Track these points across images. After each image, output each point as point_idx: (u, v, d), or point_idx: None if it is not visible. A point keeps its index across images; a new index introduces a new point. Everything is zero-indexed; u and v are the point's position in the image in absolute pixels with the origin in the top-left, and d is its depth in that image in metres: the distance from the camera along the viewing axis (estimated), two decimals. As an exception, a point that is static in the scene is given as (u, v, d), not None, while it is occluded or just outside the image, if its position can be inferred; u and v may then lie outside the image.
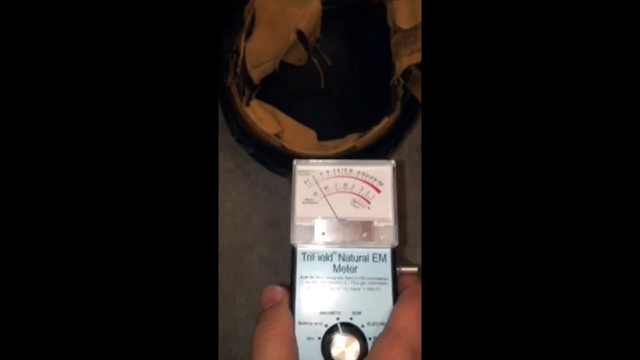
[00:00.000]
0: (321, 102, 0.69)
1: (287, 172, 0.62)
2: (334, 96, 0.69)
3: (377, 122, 0.64)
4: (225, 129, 0.67)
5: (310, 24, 0.67)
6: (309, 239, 0.44)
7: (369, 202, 0.46)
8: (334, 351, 0.41)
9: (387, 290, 0.43)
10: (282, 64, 0.69)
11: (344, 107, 0.69)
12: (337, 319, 0.42)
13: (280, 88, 0.68)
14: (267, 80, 0.67)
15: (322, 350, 0.41)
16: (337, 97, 0.69)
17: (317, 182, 0.47)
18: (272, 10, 0.67)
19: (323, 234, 0.44)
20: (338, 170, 0.47)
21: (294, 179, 0.46)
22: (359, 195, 0.46)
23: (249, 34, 0.66)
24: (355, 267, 0.44)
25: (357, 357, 0.40)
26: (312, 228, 0.44)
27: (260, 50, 0.67)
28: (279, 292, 0.43)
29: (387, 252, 0.44)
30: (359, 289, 0.43)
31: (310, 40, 0.68)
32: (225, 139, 0.68)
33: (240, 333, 0.65)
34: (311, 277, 0.43)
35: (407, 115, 0.65)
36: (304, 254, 0.44)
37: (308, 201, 0.46)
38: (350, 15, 0.69)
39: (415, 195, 0.69)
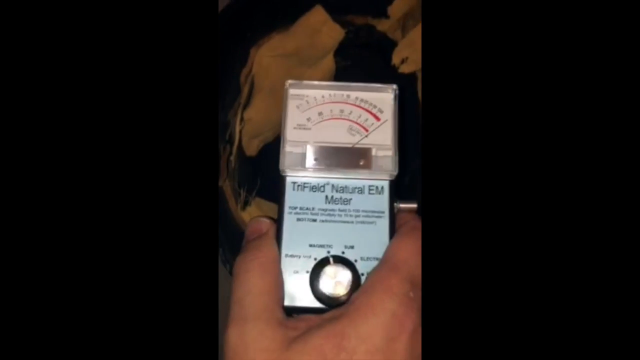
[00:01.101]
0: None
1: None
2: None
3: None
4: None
5: None
6: (300, 166, 0.45)
7: (366, 130, 0.46)
8: (324, 285, 0.41)
9: (384, 224, 0.43)
10: None
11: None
12: (328, 252, 0.42)
13: None
14: (266, 150, 0.64)
15: (311, 284, 0.41)
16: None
17: (310, 107, 0.46)
18: (275, 74, 0.64)
19: (316, 160, 0.45)
20: (334, 95, 0.47)
21: (285, 102, 0.47)
22: (356, 122, 0.46)
23: (245, 106, 0.63)
24: (350, 199, 0.44)
25: (349, 291, 0.40)
26: (303, 155, 0.45)
27: (260, 120, 0.63)
28: (265, 223, 0.44)
29: (385, 184, 0.44)
30: (352, 222, 0.43)
31: (319, 100, 0.61)
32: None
33: None
34: (301, 208, 0.44)
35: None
36: (294, 183, 0.44)
37: (300, 127, 0.46)
38: (368, 72, 0.66)
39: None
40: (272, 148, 0.63)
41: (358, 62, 0.66)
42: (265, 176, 0.62)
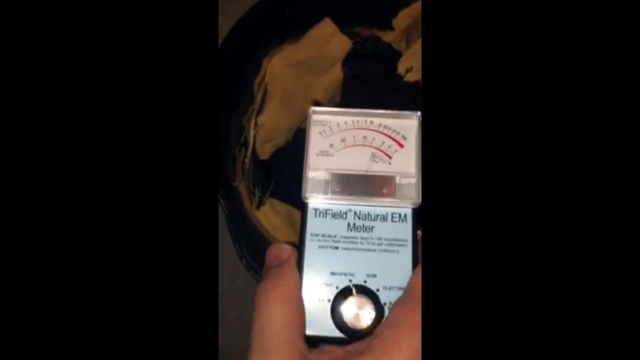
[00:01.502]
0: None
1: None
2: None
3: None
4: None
5: (330, 93, 0.68)
6: (322, 193, 0.44)
7: (390, 157, 0.46)
8: (346, 315, 0.40)
9: (407, 253, 0.43)
10: (298, 130, 0.69)
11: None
12: (350, 280, 0.41)
13: (294, 161, 0.63)
14: (278, 153, 0.67)
15: (332, 313, 0.41)
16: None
17: (334, 134, 0.47)
18: (286, 82, 0.67)
19: (338, 187, 0.45)
20: (357, 121, 0.47)
21: (308, 128, 0.47)
22: (379, 149, 0.46)
23: (259, 112, 0.66)
24: (372, 227, 0.43)
25: (371, 322, 0.40)
26: (326, 182, 0.45)
27: (272, 126, 0.66)
28: (286, 249, 0.43)
29: (408, 211, 0.44)
30: (375, 251, 0.43)
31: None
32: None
33: None
34: (323, 235, 0.43)
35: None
36: (315, 210, 0.44)
37: (323, 153, 0.46)
38: (374, 80, 0.70)
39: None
40: (284, 152, 0.67)
41: (365, 72, 0.69)
42: (277, 178, 0.65)
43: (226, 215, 0.62)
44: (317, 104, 0.66)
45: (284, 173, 0.66)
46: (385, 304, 0.41)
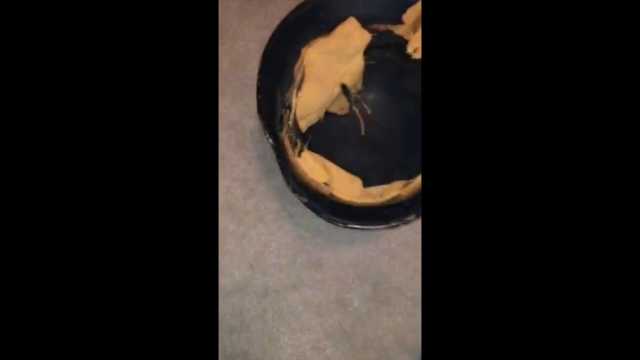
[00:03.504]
0: (363, 149, 0.80)
1: (337, 221, 0.70)
2: (374, 143, 0.79)
3: (420, 170, 0.74)
4: (276, 173, 0.77)
5: (354, 78, 0.80)
6: None
7: None
8: None
9: None
10: (326, 113, 0.81)
11: (384, 154, 0.79)
12: None
13: (324, 136, 0.79)
14: (312, 129, 0.79)
15: None
16: (378, 144, 0.79)
17: None
18: (320, 67, 0.79)
19: None
20: None
21: None
22: None
23: (299, 88, 0.79)
24: None
25: None
26: None
27: (308, 103, 0.78)
28: None
29: None
30: None
31: (352, 92, 0.81)
32: (272, 182, 0.78)
33: (284, 374, 0.66)
34: None
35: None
36: None
37: None
38: (389, 68, 0.82)
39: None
40: (316, 127, 0.80)
41: (380, 60, 0.81)
42: (313, 138, 0.79)
43: (276, 153, 0.73)
44: (344, 86, 0.79)
45: (318, 144, 0.78)
46: None
